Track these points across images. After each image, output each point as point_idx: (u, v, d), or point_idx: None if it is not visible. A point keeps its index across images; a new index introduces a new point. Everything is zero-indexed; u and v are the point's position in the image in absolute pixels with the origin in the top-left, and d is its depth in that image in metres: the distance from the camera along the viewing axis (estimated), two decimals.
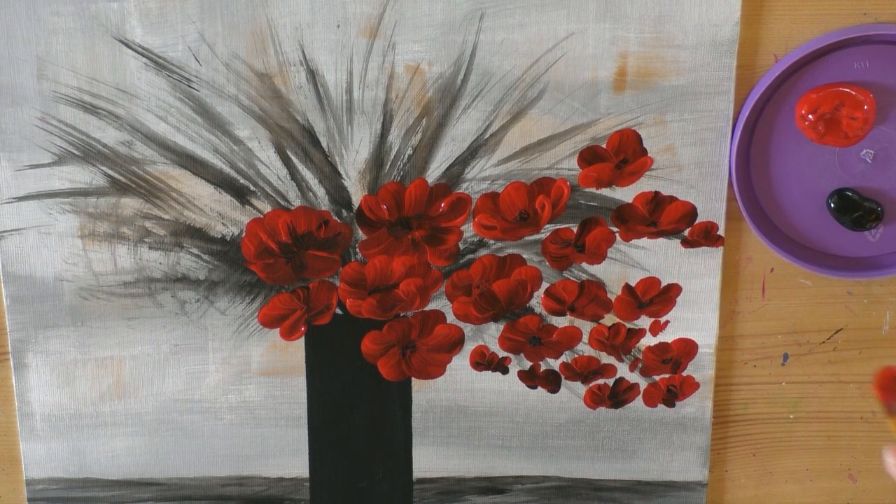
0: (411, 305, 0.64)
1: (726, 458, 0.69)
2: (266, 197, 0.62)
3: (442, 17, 0.59)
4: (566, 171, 0.62)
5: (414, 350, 0.65)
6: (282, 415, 0.67)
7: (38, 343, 0.65)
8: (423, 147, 0.61)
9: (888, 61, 0.59)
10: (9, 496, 0.69)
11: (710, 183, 0.62)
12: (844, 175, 0.61)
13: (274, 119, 0.61)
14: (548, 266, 0.64)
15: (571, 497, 0.68)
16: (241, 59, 0.60)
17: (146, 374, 0.66)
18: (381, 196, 0.62)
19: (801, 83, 0.60)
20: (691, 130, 0.61)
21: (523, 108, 0.60)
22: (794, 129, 0.60)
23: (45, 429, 0.66)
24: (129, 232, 0.63)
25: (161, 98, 0.60)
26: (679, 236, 0.63)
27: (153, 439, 0.67)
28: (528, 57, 0.60)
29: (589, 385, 0.66)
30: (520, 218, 0.62)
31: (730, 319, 0.66)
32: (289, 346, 0.65)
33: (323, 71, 0.60)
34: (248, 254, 0.63)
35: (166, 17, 0.59)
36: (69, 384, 0.66)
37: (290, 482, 0.68)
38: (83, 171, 0.61)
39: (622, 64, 0.60)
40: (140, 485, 0.68)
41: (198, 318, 0.65)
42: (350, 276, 0.63)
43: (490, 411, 0.67)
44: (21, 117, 0.60)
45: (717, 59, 0.59)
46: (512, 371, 0.66)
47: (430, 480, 0.68)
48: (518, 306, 0.64)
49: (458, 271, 0.64)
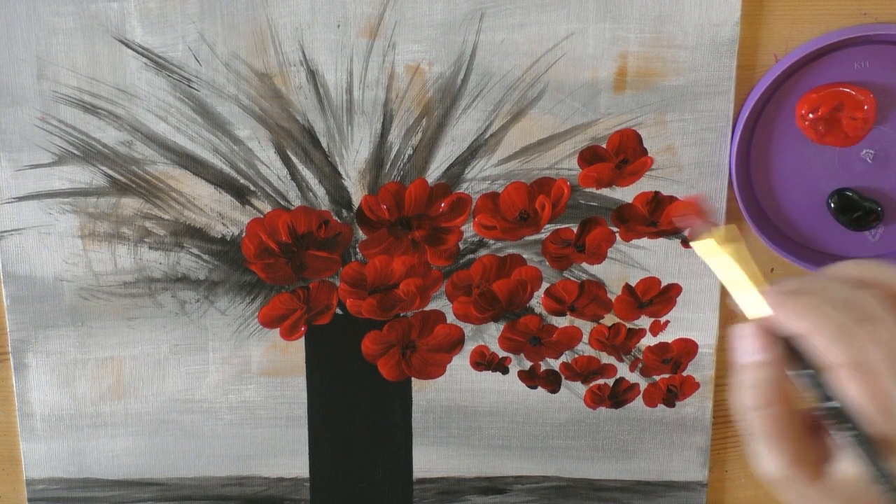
0: (411, 305, 0.64)
1: (726, 458, 0.69)
2: (266, 197, 0.62)
3: (442, 17, 0.59)
4: (566, 171, 0.62)
5: (414, 350, 0.65)
6: (282, 415, 0.67)
7: (38, 343, 0.65)
8: (423, 147, 0.61)
9: (888, 61, 0.59)
10: (9, 496, 0.69)
11: (710, 183, 0.62)
12: (844, 175, 0.61)
13: (274, 119, 0.61)
14: (548, 266, 0.64)
15: (571, 497, 0.68)
16: (241, 59, 0.60)
17: (146, 374, 0.66)
18: (381, 196, 0.62)
19: (801, 83, 0.60)
20: (691, 130, 0.61)
21: (523, 108, 0.61)
22: (794, 129, 0.60)
23: (45, 429, 0.66)
24: (129, 232, 0.63)
25: (161, 98, 0.60)
26: (679, 236, 0.63)
27: (153, 439, 0.67)
28: (528, 57, 0.60)
29: (589, 385, 0.66)
30: (520, 218, 0.62)
31: (730, 319, 0.66)
32: (289, 346, 0.65)
33: (323, 71, 0.60)
34: (248, 254, 0.63)
35: (166, 17, 0.59)
36: (69, 384, 0.66)
37: (290, 482, 0.68)
38: (83, 171, 0.61)
39: (622, 64, 0.60)
40: (140, 485, 0.68)
41: (198, 318, 0.65)
42: (350, 276, 0.63)
43: (490, 411, 0.67)
44: (21, 117, 0.60)
45: (717, 59, 0.59)
46: (512, 371, 0.66)
47: (430, 480, 0.68)
48: (518, 306, 0.65)
49: (458, 271, 0.64)
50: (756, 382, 0.49)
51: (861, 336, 0.46)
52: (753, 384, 0.49)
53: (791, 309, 0.49)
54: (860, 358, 0.46)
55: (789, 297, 0.49)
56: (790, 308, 0.49)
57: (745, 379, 0.50)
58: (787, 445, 0.49)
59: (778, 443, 0.49)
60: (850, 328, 0.46)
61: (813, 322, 0.47)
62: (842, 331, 0.46)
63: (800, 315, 0.48)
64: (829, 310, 0.47)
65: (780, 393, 0.49)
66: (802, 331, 0.48)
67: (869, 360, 0.46)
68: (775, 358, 0.50)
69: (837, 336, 0.46)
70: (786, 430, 0.49)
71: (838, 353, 0.46)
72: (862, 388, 0.46)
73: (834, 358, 0.47)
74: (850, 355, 0.46)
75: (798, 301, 0.48)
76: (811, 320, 0.47)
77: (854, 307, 0.48)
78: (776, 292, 0.50)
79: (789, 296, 0.49)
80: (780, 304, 0.49)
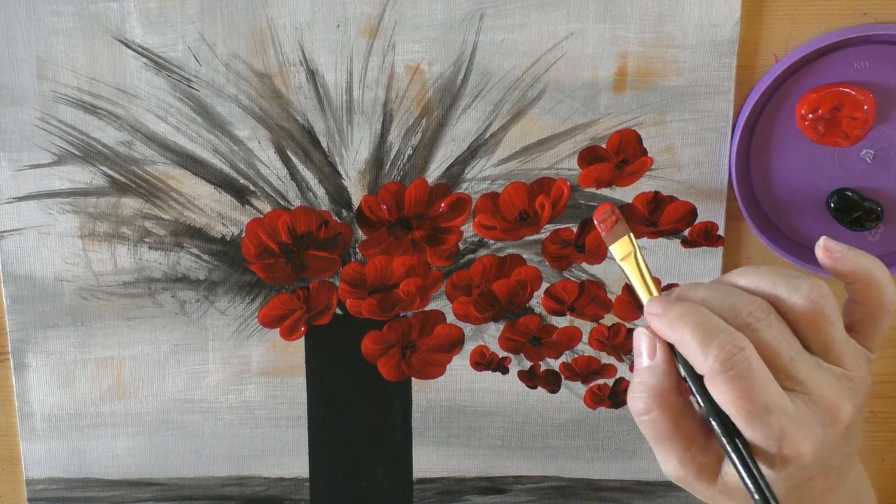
0: (411, 305, 0.64)
1: None
2: (266, 197, 0.62)
3: (442, 17, 0.59)
4: (566, 171, 0.62)
5: (414, 350, 0.65)
6: (282, 415, 0.67)
7: (38, 343, 0.65)
8: (423, 147, 0.61)
9: (888, 61, 0.59)
10: (9, 496, 0.69)
11: (710, 183, 0.62)
12: (844, 175, 0.61)
13: (274, 119, 0.61)
14: (548, 266, 0.64)
15: (571, 497, 0.68)
16: (241, 59, 0.60)
17: (146, 374, 0.66)
18: (381, 196, 0.62)
19: (801, 83, 0.60)
20: (691, 130, 0.61)
21: (523, 108, 0.61)
22: (794, 129, 0.60)
23: (45, 429, 0.66)
24: (129, 232, 0.63)
25: (161, 98, 0.60)
26: (679, 236, 0.63)
27: (153, 439, 0.67)
28: (528, 57, 0.60)
29: (589, 385, 0.66)
30: (520, 218, 0.63)
31: None
32: (289, 346, 0.65)
33: (323, 71, 0.60)
34: (248, 254, 0.63)
35: (166, 17, 0.59)
36: (69, 384, 0.66)
37: (290, 482, 0.68)
38: (83, 171, 0.61)
39: (622, 64, 0.60)
40: (140, 485, 0.68)
41: (198, 318, 0.65)
42: (350, 276, 0.63)
43: (490, 411, 0.67)
44: (21, 117, 0.60)
45: (717, 59, 0.59)
46: (512, 371, 0.66)
47: (430, 480, 0.68)
48: (518, 306, 0.65)
49: (458, 271, 0.64)
50: (641, 388, 0.50)
51: (727, 343, 0.46)
52: (638, 389, 0.50)
53: (665, 318, 0.49)
54: (727, 365, 0.46)
55: (668, 306, 0.49)
56: (664, 318, 0.49)
57: (633, 383, 0.50)
58: (673, 449, 0.50)
59: (664, 446, 0.50)
60: (718, 336, 0.47)
61: (683, 331, 0.48)
62: (708, 339, 0.47)
63: (671, 324, 0.49)
64: (701, 319, 0.48)
65: (663, 398, 0.49)
66: (675, 339, 0.49)
67: (736, 367, 0.46)
68: (658, 364, 0.50)
69: (704, 344, 0.47)
70: (670, 434, 0.49)
71: (705, 360, 0.47)
72: (728, 395, 0.46)
73: (702, 365, 0.47)
74: (718, 363, 0.46)
75: (672, 310, 0.49)
76: (682, 329, 0.48)
77: (729, 314, 0.48)
78: (658, 301, 0.50)
79: (668, 304, 0.49)
80: (656, 314, 0.50)
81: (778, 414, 0.46)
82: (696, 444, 0.49)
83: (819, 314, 0.48)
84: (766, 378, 0.46)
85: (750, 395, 0.46)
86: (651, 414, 0.49)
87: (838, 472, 0.49)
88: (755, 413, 0.46)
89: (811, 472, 0.48)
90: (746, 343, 0.47)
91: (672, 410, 0.49)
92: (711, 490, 0.49)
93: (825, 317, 0.48)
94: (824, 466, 0.48)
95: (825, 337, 0.49)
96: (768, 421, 0.46)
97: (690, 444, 0.49)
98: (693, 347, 0.47)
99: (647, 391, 0.49)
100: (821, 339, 0.49)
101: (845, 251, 0.51)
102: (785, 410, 0.46)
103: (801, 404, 0.46)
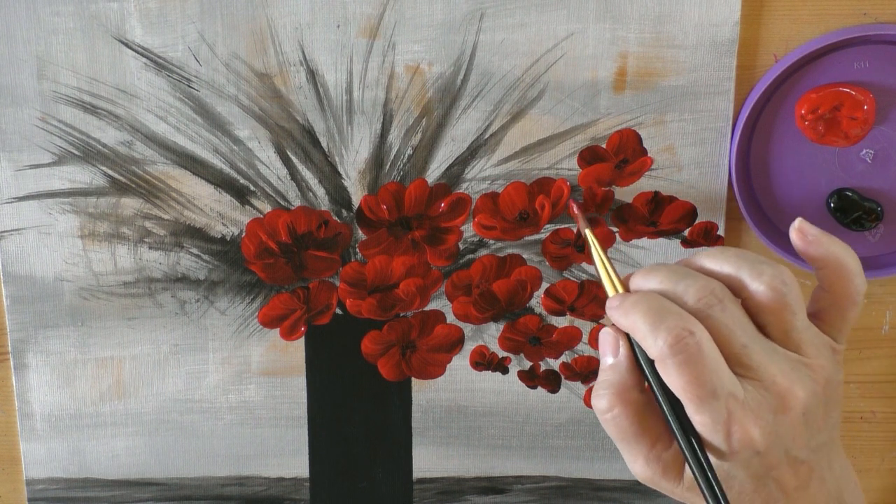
0: (411, 305, 0.64)
1: None
2: (266, 197, 0.62)
3: (442, 17, 0.59)
4: (566, 171, 0.62)
5: (414, 350, 0.65)
6: (282, 415, 0.67)
7: (38, 343, 0.65)
8: (423, 147, 0.61)
9: (888, 61, 0.59)
10: (9, 496, 0.69)
11: (710, 183, 0.62)
12: (844, 175, 0.61)
13: (274, 119, 0.61)
14: (548, 266, 0.64)
15: (571, 497, 0.68)
16: (241, 59, 0.60)
17: (146, 374, 0.66)
18: (381, 196, 0.62)
19: (801, 83, 0.60)
20: (691, 130, 0.61)
21: (523, 108, 0.61)
22: (794, 129, 0.60)
23: (45, 429, 0.66)
24: (129, 232, 0.63)
25: (161, 98, 0.60)
26: (679, 236, 0.63)
27: (153, 439, 0.67)
28: (528, 57, 0.60)
29: (589, 385, 0.66)
30: (520, 218, 0.63)
31: None
32: (289, 346, 0.65)
33: (323, 71, 0.60)
34: (248, 254, 0.63)
35: (166, 17, 0.59)
36: (69, 384, 0.66)
37: (290, 482, 0.68)
38: (83, 171, 0.61)
39: (622, 64, 0.60)
40: (140, 485, 0.68)
41: (198, 318, 0.65)
42: (350, 276, 0.63)
43: (490, 411, 0.67)
44: (21, 117, 0.60)
45: (717, 59, 0.59)
46: (512, 371, 0.66)
47: (430, 480, 0.68)
48: (518, 306, 0.65)
49: (458, 271, 0.64)
50: (604, 385, 0.49)
51: (676, 327, 0.46)
52: (601, 387, 0.49)
53: (620, 308, 0.49)
54: (675, 349, 0.45)
55: (624, 297, 0.49)
56: (620, 308, 0.49)
57: (597, 382, 0.50)
58: (639, 447, 0.49)
59: (629, 445, 0.49)
60: (667, 320, 0.46)
61: (635, 317, 0.47)
62: (657, 323, 0.46)
63: (626, 313, 0.48)
64: (652, 304, 0.47)
65: (625, 395, 0.49)
66: (628, 327, 0.48)
67: (685, 351, 0.45)
68: (621, 361, 0.50)
69: (653, 328, 0.46)
70: (634, 431, 0.49)
71: (655, 344, 0.46)
72: (677, 379, 0.46)
73: (652, 349, 0.47)
74: (668, 346, 0.45)
75: (627, 300, 0.49)
76: (634, 315, 0.47)
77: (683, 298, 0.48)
78: (617, 295, 0.50)
79: (625, 295, 0.49)
80: (613, 307, 0.50)
81: (726, 398, 0.45)
82: (660, 442, 0.49)
83: (780, 301, 0.48)
84: (716, 363, 0.45)
85: (699, 379, 0.45)
86: (613, 411, 0.48)
87: (810, 467, 0.48)
88: (703, 398, 0.45)
89: (771, 462, 0.46)
90: (698, 327, 0.46)
91: (635, 407, 0.48)
92: (680, 489, 0.49)
93: (786, 304, 0.48)
94: (789, 458, 0.47)
95: (785, 325, 0.48)
96: (716, 405, 0.45)
97: (655, 442, 0.49)
98: (644, 332, 0.47)
99: (609, 388, 0.49)
100: (780, 326, 0.48)
101: (819, 235, 0.51)
102: (733, 395, 0.45)
103: (751, 389, 0.46)
